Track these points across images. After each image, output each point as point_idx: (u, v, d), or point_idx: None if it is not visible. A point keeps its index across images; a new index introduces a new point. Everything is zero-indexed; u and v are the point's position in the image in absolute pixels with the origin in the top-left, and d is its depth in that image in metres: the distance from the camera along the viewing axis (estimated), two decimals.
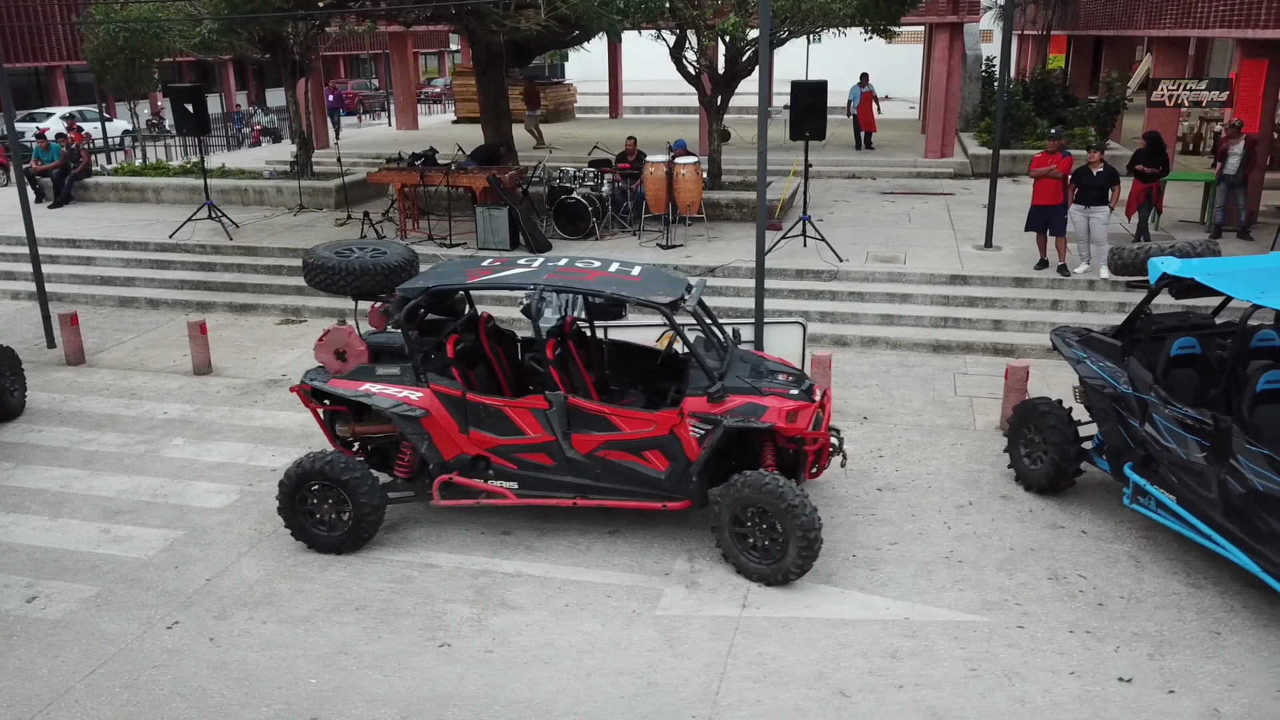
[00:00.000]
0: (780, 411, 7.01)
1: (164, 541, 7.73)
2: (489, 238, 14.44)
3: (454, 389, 7.33)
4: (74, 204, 18.93)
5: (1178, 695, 5.80)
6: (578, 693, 5.90)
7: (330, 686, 5.98)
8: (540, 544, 7.58)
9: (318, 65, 24.59)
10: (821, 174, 21.42)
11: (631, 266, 7.84)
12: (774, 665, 6.12)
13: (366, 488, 7.30)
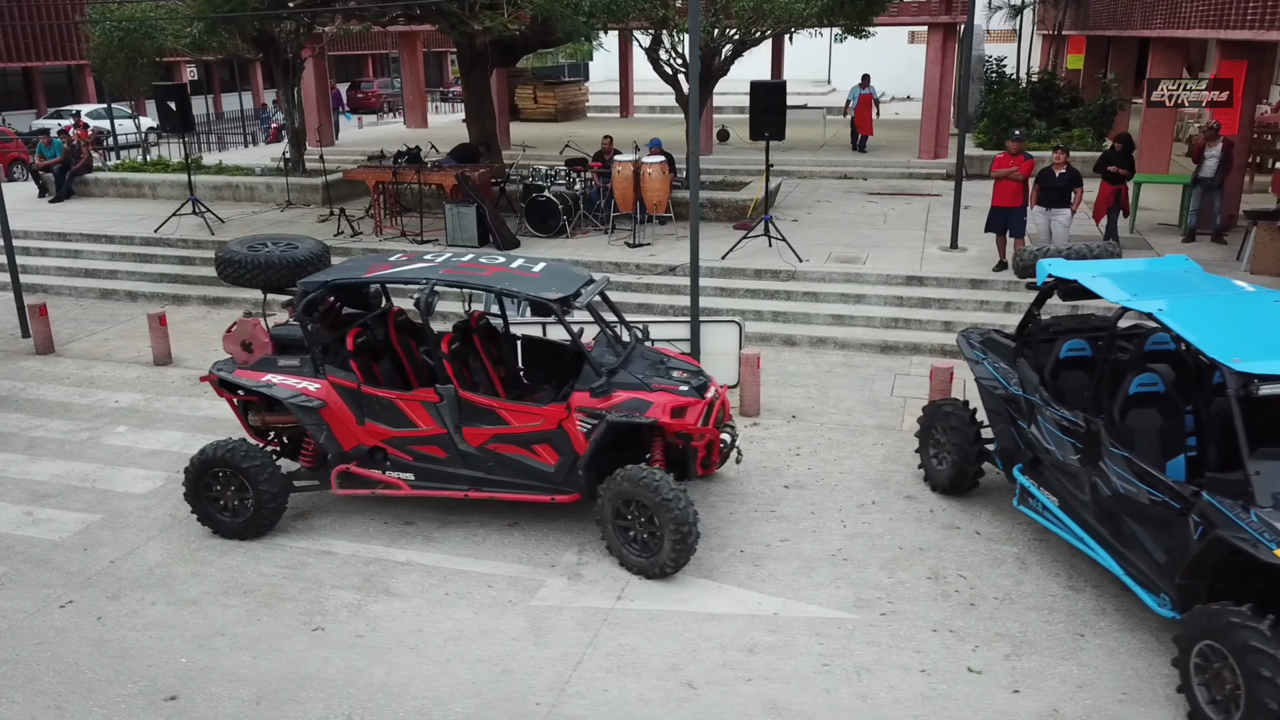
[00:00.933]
0: (665, 407, 7.10)
1: (80, 525, 8.00)
2: (458, 235, 14.65)
3: (350, 381, 7.51)
4: (74, 199, 19.47)
5: (1022, 695, 5.81)
6: (433, 678, 6.04)
7: (198, 666, 6.19)
8: (439, 534, 7.74)
9: (324, 63, 25.05)
10: (814, 174, 21.45)
11: (535, 263, 7.98)
12: (631, 656, 6.22)
13: (266, 475, 7.50)
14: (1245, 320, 6.09)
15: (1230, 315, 6.16)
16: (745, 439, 9.43)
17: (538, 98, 31.38)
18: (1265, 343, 5.79)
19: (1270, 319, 6.11)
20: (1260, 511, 5.30)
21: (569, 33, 14.15)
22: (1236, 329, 5.96)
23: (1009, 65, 26.62)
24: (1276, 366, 5.53)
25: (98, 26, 17.29)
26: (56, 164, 19.36)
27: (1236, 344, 5.73)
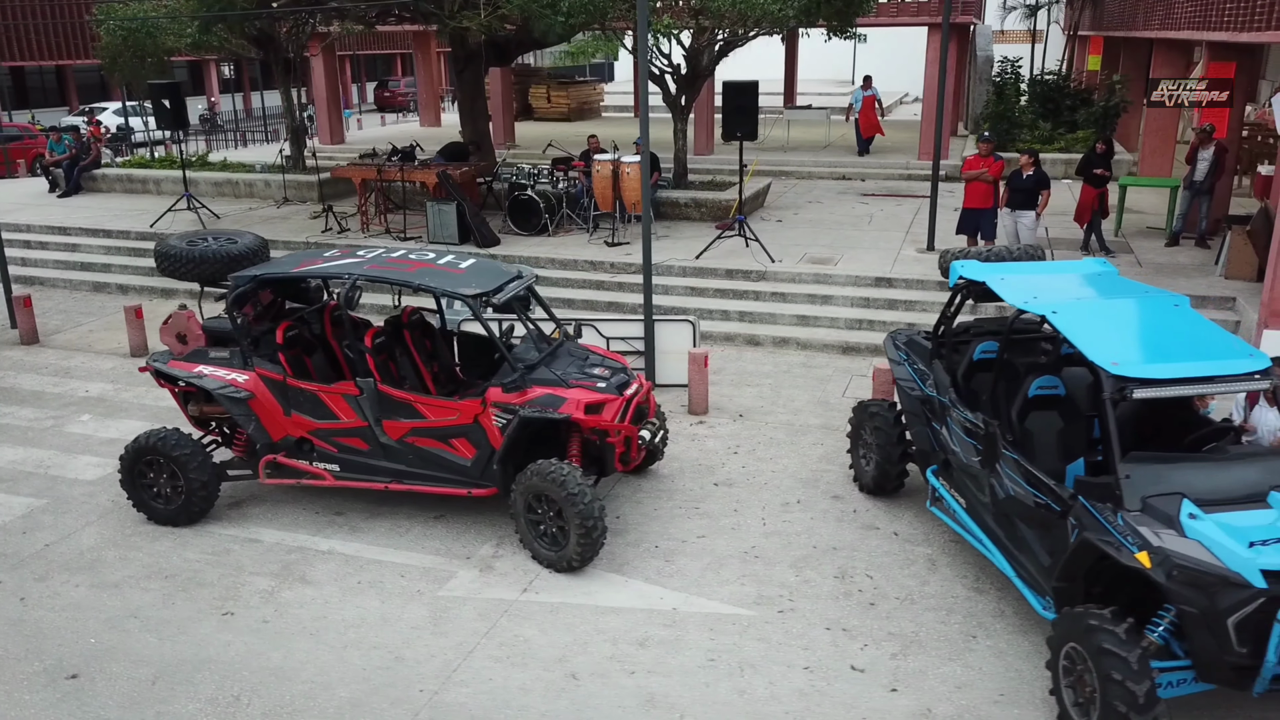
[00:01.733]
0: (579, 403, 7.20)
1: (25, 509, 8.27)
2: (439, 232, 14.85)
3: (277, 373, 7.70)
4: (83, 194, 19.98)
5: (899, 694, 5.84)
6: (326, 663, 6.20)
7: (105, 646, 6.39)
8: (365, 525, 7.90)
9: (334, 62, 25.42)
10: (812, 175, 21.42)
11: (464, 260, 8.11)
12: (523, 647, 6.33)
13: (196, 464, 7.71)
14: (1138, 325, 6.07)
15: (1124, 319, 6.13)
16: (688, 437, 9.52)
17: (551, 97, 31.57)
18: (1150, 348, 5.78)
19: (1164, 324, 6.09)
20: (1127, 515, 5.30)
21: (544, 32, 14.27)
22: (1126, 333, 5.94)
23: (1025, 66, 26.37)
24: (1152, 371, 5.52)
25: (103, 26, 17.74)
26: (65, 160, 19.86)
27: (1120, 348, 5.72)
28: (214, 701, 5.85)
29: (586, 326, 10.73)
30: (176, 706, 5.81)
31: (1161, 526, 5.20)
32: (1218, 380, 5.56)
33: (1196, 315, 6.21)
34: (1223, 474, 5.49)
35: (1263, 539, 5.03)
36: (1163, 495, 5.33)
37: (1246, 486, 5.41)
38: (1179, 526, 5.16)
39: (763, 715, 5.68)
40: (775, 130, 25.70)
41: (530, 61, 42.20)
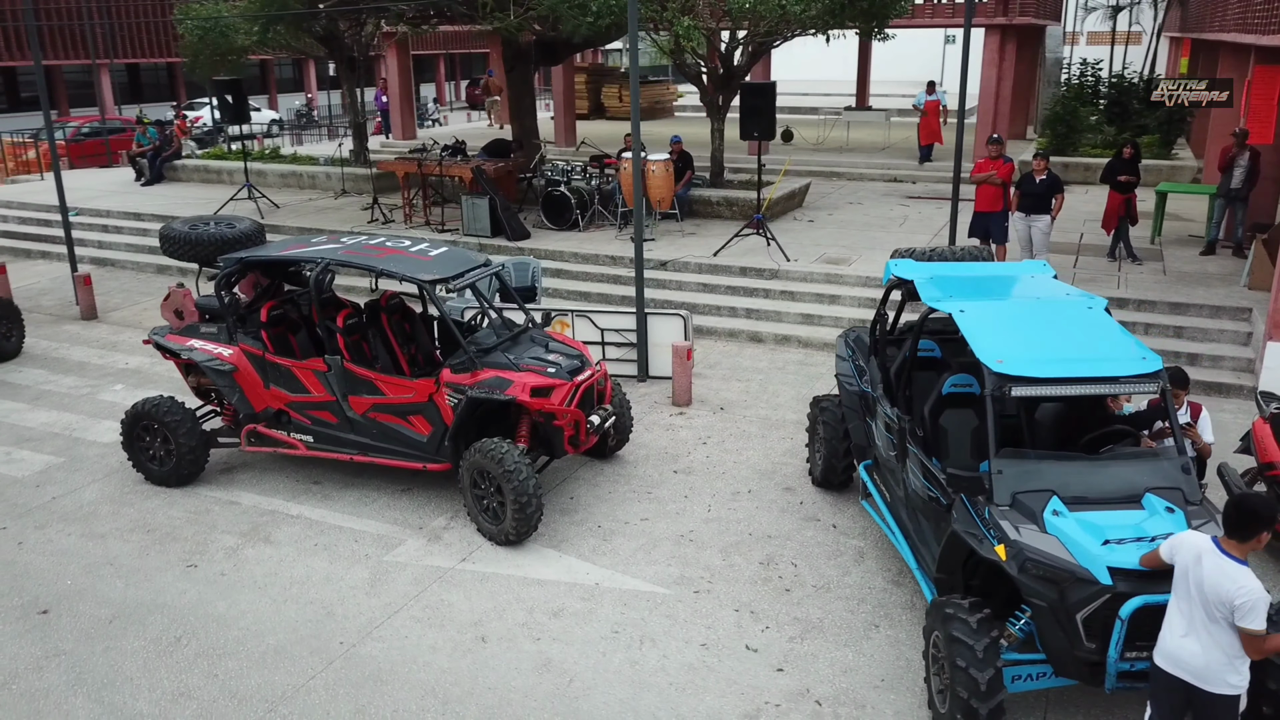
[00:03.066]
0: (525, 386, 7.59)
1: (43, 465, 9.10)
2: (472, 224, 15.44)
3: (258, 349, 8.31)
4: (164, 183, 21.32)
5: (784, 674, 6.06)
6: (264, 614, 6.74)
7: (78, 589, 7.07)
8: (337, 494, 8.46)
9: (407, 60, 26.38)
10: (863, 176, 21.35)
11: (436, 248, 8.58)
12: (444, 611, 6.76)
13: (186, 430, 8.39)
14: (1040, 326, 6.13)
15: (1029, 320, 6.20)
16: (664, 427, 9.82)
17: (623, 96, 32.03)
18: (1042, 348, 5.85)
19: (1067, 326, 6.13)
20: (995, 509, 5.42)
21: (571, 32, 14.68)
22: (1023, 333, 6.02)
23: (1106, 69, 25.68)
24: (1033, 370, 5.61)
25: (182, 25, 18.93)
26: (149, 151, 21.22)
27: (1010, 347, 5.81)
28: (157, 641, 6.44)
29: (581, 318, 11.16)
30: (124, 643, 6.42)
31: (1024, 521, 5.31)
32: (1101, 381, 5.62)
33: (1107, 319, 6.24)
34: (1103, 474, 5.55)
35: (1119, 538, 5.10)
36: (1034, 492, 5.43)
37: (1124, 488, 5.46)
38: (1041, 522, 5.27)
39: (646, 684, 5.97)
40: (835, 131, 25.65)
41: (602, 61, 42.77)
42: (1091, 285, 12.47)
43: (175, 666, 6.17)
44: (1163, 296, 11.85)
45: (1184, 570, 4.63)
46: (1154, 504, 5.34)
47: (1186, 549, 4.65)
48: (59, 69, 37.91)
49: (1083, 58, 27.55)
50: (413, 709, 5.77)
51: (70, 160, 27.15)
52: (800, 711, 5.73)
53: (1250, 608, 4.38)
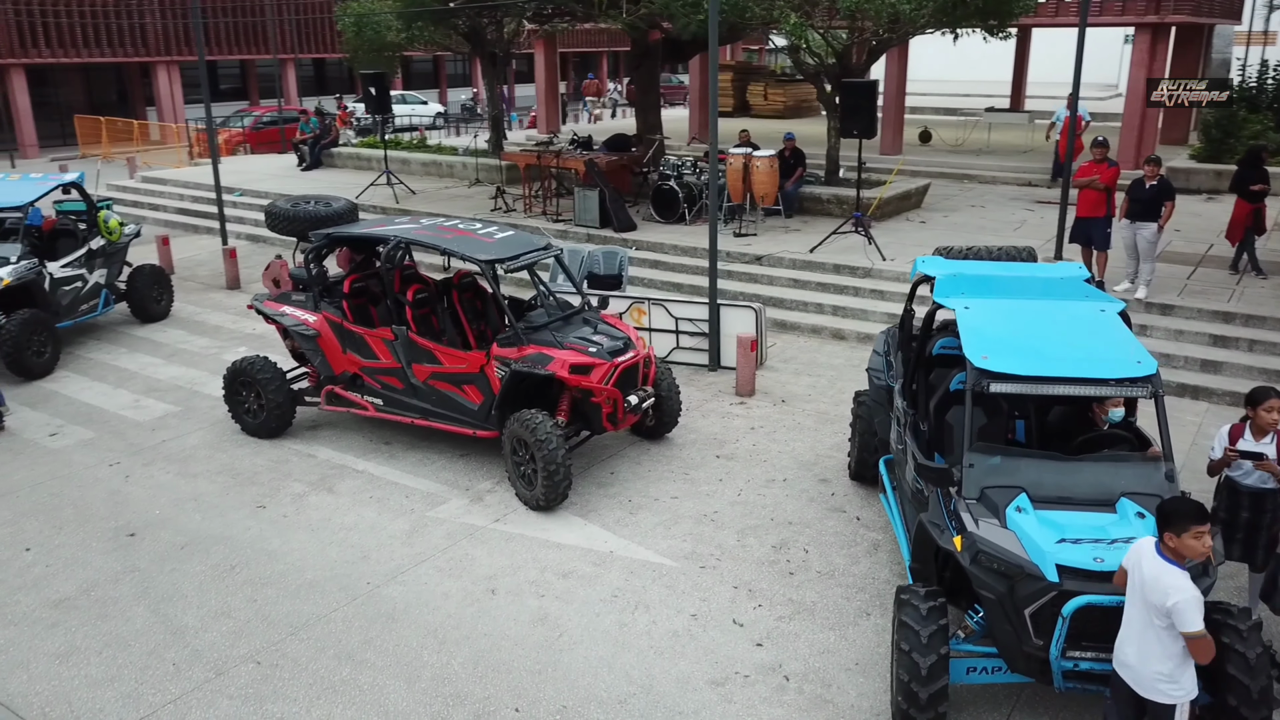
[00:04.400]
0: (564, 363, 8.06)
1: (162, 413, 10.27)
2: (582, 215, 16.06)
3: (338, 317, 9.12)
4: (322, 169, 23.03)
5: (763, 649, 6.28)
6: (309, 552, 7.48)
7: (163, 518, 8.04)
8: (401, 454, 9.18)
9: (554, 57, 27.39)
10: (996, 180, 20.77)
11: (501, 232, 9.16)
12: (465, 563, 7.31)
13: (275, 387, 9.30)
14: (1040, 325, 6.09)
15: (1032, 320, 6.16)
16: (720, 414, 10.09)
17: (768, 94, 32.13)
18: (1033, 347, 5.83)
19: (1069, 328, 6.06)
20: (961, 502, 5.48)
21: (681, 30, 15.02)
22: (1020, 332, 6.01)
23: None
24: (1015, 367, 5.62)
25: (341, 23, 20.44)
26: (310, 138, 22.98)
27: (1000, 344, 5.82)
28: (215, 567, 7.28)
29: (657, 306, 11.55)
30: (188, 566, 7.29)
31: (987, 515, 5.36)
32: (1084, 383, 5.56)
33: (1116, 323, 6.13)
34: (1079, 475, 5.50)
35: (1075, 538, 5.09)
36: (1003, 488, 5.46)
37: (1100, 491, 5.41)
38: (1003, 517, 5.30)
39: (628, 645, 6.32)
40: (975, 133, 24.95)
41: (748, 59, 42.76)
42: (1199, 297, 11.88)
43: (223, 590, 6.98)
44: (1273, 313, 11.16)
45: (1133, 574, 4.61)
46: (1127, 509, 5.27)
47: (1134, 553, 4.63)
48: (252, 63, 41.26)
49: (1264, 59, 25.59)
50: (413, 645, 6.33)
51: (250, 146, 29.69)
52: (766, 684, 5.95)
53: (1181, 610, 4.34)
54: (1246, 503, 5.92)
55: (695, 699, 5.82)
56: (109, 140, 30.61)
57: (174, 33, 35.52)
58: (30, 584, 7.07)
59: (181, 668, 6.12)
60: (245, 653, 6.26)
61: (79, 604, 6.81)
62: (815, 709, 5.74)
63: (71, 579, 7.12)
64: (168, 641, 6.38)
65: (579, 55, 54.14)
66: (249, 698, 5.84)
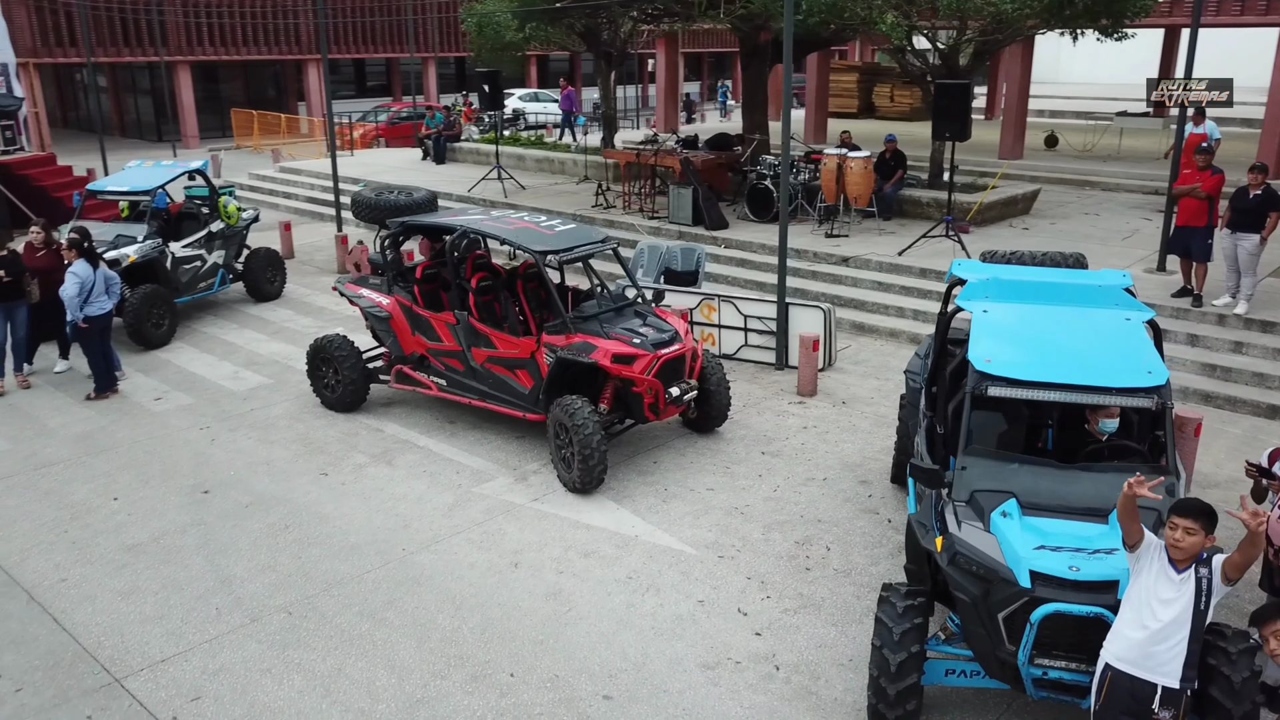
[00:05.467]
0: (607, 353, 8.33)
1: (255, 384, 11.08)
2: (676, 212, 16.29)
3: (408, 300, 9.65)
4: (446, 163, 24.03)
5: (760, 638, 6.39)
6: (356, 518, 8.00)
7: (236, 478, 8.73)
8: (462, 434, 9.65)
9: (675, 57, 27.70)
10: (1120, 187, 19.88)
11: (563, 224, 9.50)
12: (496, 537, 7.67)
13: (350, 364, 9.92)
14: (1057, 332, 5.96)
15: (1048, 326, 6.04)
16: (777, 412, 10.17)
17: (894, 96, 31.57)
18: (1042, 353, 5.74)
19: (1087, 335, 5.92)
20: (949, 504, 5.46)
21: (778, 29, 15.01)
22: (1031, 337, 5.91)
23: None
24: (1015, 372, 5.56)
25: (465, 23, 21.29)
26: (435, 133, 24.01)
27: (1007, 349, 5.76)
28: (271, 526, 7.88)
29: (727, 303, 11.68)
30: (248, 524, 7.92)
31: (972, 519, 5.33)
32: (1086, 390, 5.45)
33: (1138, 332, 5.95)
34: (1075, 484, 5.40)
35: (1056, 545, 5.02)
36: (994, 492, 5.41)
37: (1095, 500, 5.30)
38: (987, 521, 5.27)
39: (631, 624, 6.54)
40: (1105, 138, 23.89)
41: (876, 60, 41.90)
42: None
43: (274, 546, 7.56)
44: None
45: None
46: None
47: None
48: (396, 61, 43.18)
49: None
50: (430, 609, 6.73)
51: (386, 140, 31.17)
52: (755, 671, 6.07)
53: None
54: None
55: (683, 679, 5.99)
56: (260, 132, 32.68)
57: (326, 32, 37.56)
58: (111, 529, 7.83)
59: (223, 612, 6.70)
60: (280, 603, 6.79)
61: (148, 550, 7.51)
62: (798, 699, 5.82)
63: (146, 527, 7.85)
64: (215, 588, 6.98)
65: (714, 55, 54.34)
66: (275, 643, 6.35)
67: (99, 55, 32.82)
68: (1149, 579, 4.53)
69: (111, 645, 6.35)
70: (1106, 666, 4.65)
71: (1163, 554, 4.54)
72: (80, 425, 9.89)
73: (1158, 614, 4.49)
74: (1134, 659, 4.55)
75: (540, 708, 5.75)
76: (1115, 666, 4.61)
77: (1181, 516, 4.46)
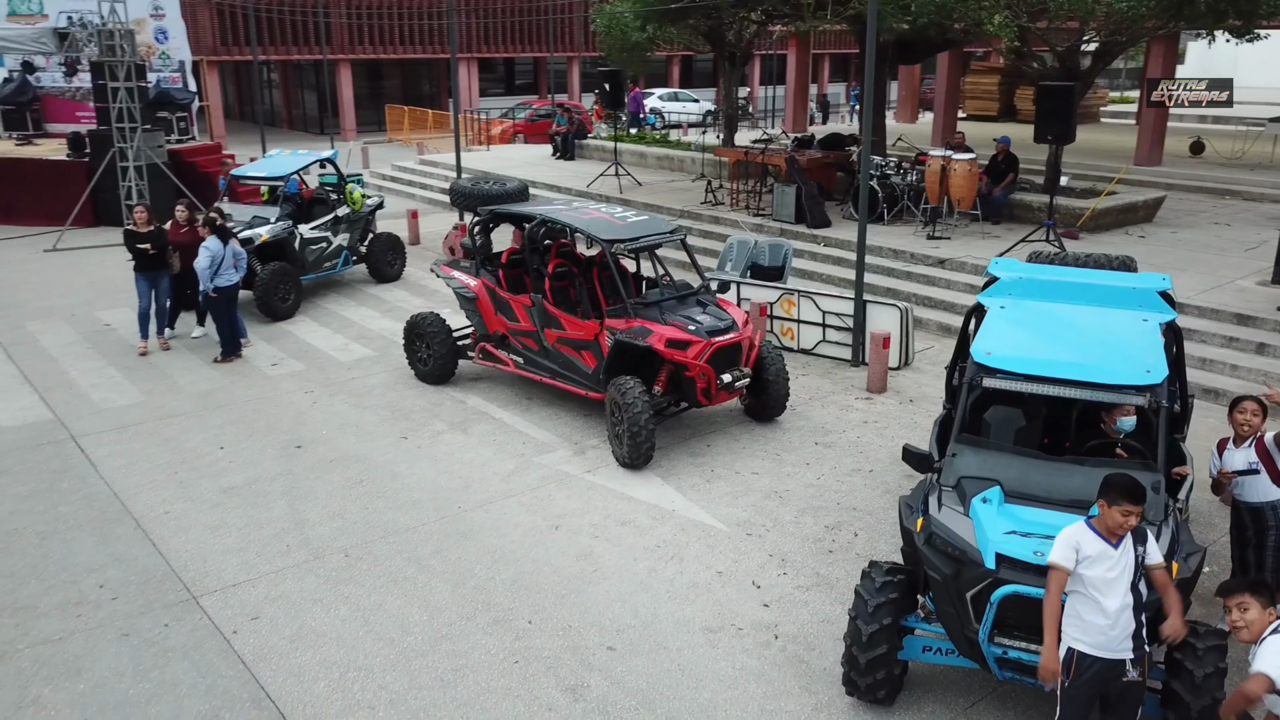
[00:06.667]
0: (662, 338, 8.79)
1: (360, 356, 12.05)
2: (779, 210, 16.54)
3: (493, 283, 10.36)
4: (576, 160, 24.92)
5: (767, 609, 6.72)
6: (425, 477, 8.73)
7: (327, 438, 9.63)
8: (536, 409, 10.29)
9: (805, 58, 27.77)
10: (1265, 197, 18.86)
11: (636, 216, 10.01)
12: (545, 503, 8.25)
13: (440, 340, 10.72)
14: (1065, 330, 6.05)
15: (1059, 323, 6.12)
16: (841, 406, 10.38)
17: None
18: (1042, 349, 5.85)
19: (1100, 334, 5.98)
20: (936, 488, 5.68)
21: (884, 31, 15.00)
22: (1038, 334, 6.03)
23: None
24: (1011, 365, 5.71)
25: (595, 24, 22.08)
26: (564, 132, 24.95)
27: (1009, 343, 5.91)
28: (347, 480, 8.70)
29: (806, 298, 11.92)
30: (328, 477, 8.77)
31: (955, 503, 5.53)
32: (1080, 385, 5.55)
33: (1149, 332, 5.96)
34: (1061, 476, 5.52)
35: (1026, 531, 5.18)
36: (980, 479, 5.59)
37: (1079, 493, 5.41)
38: (968, 506, 5.46)
39: (648, 587, 6.98)
40: (1257, 145, 22.58)
41: None
42: None
43: (345, 497, 8.37)
44: None
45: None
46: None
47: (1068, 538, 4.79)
48: (544, 60, 44.65)
49: None
50: (470, 560, 7.36)
51: (525, 137, 32.44)
52: (754, 638, 6.41)
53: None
54: (1249, 519, 5.64)
55: (684, 639, 6.40)
56: (410, 127, 34.55)
57: (476, 32, 39.36)
58: (213, 474, 8.83)
59: (291, 549, 7.52)
60: (342, 546, 7.57)
61: (240, 493, 8.45)
62: (789, 665, 6.14)
63: (242, 474, 8.81)
64: (289, 529, 7.83)
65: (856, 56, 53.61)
66: (330, 579, 7.11)
67: (270, 54, 35.48)
68: (1092, 569, 4.66)
69: (194, 569, 7.25)
70: (1070, 650, 4.79)
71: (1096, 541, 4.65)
72: (204, 384, 11.06)
73: (1106, 603, 4.62)
74: (1099, 644, 4.69)
75: (549, 652, 6.28)
76: (1078, 650, 4.75)
77: (1130, 503, 4.56)
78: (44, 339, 12.63)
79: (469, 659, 6.19)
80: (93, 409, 10.29)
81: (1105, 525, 4.66)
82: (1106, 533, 4.66)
